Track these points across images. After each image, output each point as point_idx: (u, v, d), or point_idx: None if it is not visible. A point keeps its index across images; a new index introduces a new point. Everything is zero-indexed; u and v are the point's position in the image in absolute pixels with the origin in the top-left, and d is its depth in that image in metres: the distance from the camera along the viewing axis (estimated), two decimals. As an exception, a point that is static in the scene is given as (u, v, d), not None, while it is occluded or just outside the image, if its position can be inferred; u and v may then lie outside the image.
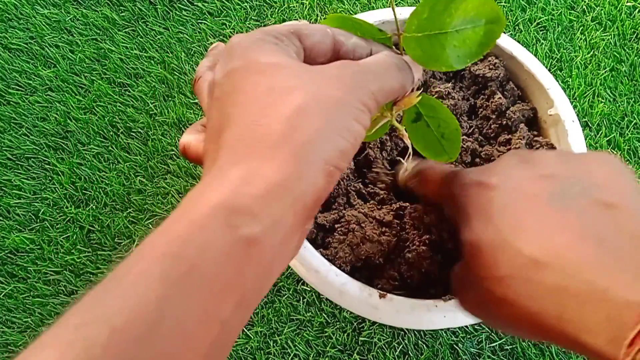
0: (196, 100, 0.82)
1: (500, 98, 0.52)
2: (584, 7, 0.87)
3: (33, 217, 0.78)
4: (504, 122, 0.52)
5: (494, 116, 0.53)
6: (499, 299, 0.32)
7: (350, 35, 0.35)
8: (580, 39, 0.85)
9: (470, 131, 0.53)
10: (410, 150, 0.40)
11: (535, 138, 0.51)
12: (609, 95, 0.81)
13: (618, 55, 0.84)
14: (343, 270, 0.44)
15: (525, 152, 0.38)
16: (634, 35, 0.85)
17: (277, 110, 0.28)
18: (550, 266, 0.30)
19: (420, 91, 0.36)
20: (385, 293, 0.43)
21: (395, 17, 0.36)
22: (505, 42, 0.53)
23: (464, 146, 0.52)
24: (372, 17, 0.54)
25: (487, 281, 0.33)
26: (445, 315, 0.42)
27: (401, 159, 0.45)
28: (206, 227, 0.24)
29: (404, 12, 0.54)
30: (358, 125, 0.30)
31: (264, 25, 0.86)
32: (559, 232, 0.31)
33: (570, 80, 0.82)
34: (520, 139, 0.50)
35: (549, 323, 0.30)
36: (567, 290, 0.29)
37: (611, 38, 0.85)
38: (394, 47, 0.36)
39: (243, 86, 0.30)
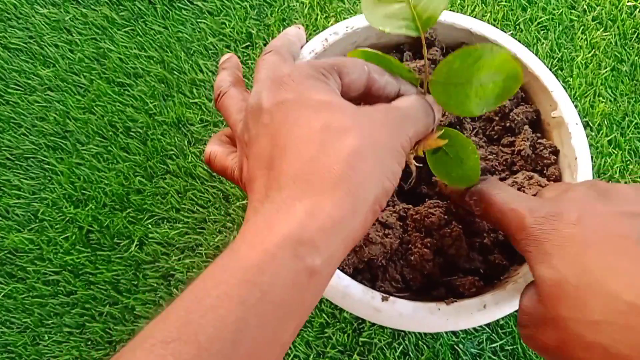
0: (196, 100, 0.82)
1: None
2: (585, 6, 0.87)
3: (32, 217, 0.77)
4: (507, 124, 0.52)
5: (497, 118, 0.53)
6: (589, 343, 0.31)
7: (383, 73, 0.38)
8: (581, 38, 0.85)
9: (474, 132, 0.53)
10: (414, 176, 0.42)
11: (539, 140, 0.50)
12: (610, 95, 0.81)
13: (619, 55, 0.84)
14: (345, 273, 0.44)
15: (601, 184, 0.37)
16: (635, 35, 0.85)
17: (335, 150, 0.31)
18: None
19: (442, 131, 0.39)
20: (387, 296, 0.43)
21: (425, 61, 0.39)
22: (508, 43, 0.53)
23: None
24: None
25: (575, 323, 0.32)
26: (448, 318, 0.42)
27: None
28: (277, 257, 0.27)
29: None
30: (398, 167, 0.33)
31: (264, 25, 0.86)
32: None
33: (571, 80, 0.82)
34: (524, 141, 0.50)
35: None
36: None
37: (612, 38, 0.85)
38: (419, 86, 0.39)
39: (297, 119, 0.32)
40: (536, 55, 0.53)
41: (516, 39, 0.56)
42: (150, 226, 0.75)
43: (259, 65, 0.40)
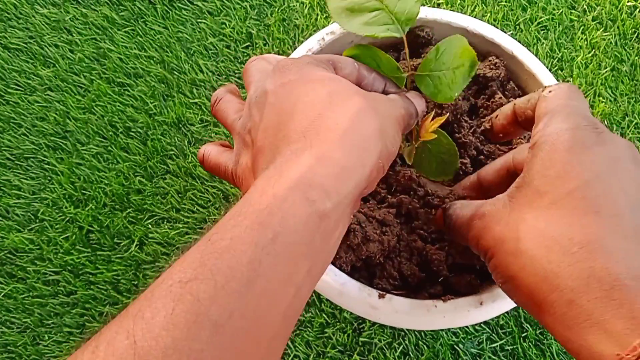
0: (196, 100, 0.82)
1: (500, 98, 0.52)
2: (585, 6, 0.87)
3: (32, 217, 0.77)
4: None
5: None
6: (520, 249, 0.33)
7: (371, 70, 0.42)
8: (581, 38, 0.85)
9: (471, 130, 0.53)
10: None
11: None
12: (610, 95, 0.81)
13: (619, 55, 0.84)
14: (343, 271, 0.44)
15: (637, 152, 0.36)
16: (635, 35, 0.85)
17: (342, 107, 0.33)
18: (598, 256, 0.30)
19: (442, 120, 0.43)
20: (384, 293, 0.43)
21: (407, 58, 0.45)
22: (506, 41, 0.53)
23: (467, 140, 0.52)
24: None
25: (523, 226, 0.33)
26: (445, 315, 0.42)
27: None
28: (288, 200, 0.28)
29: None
30: (398, 138, 0.36)
31: (264, 25, 0.86)
32: (628, 239, 0.30)
33: (571, 80, 0.82)
34: (521, 139, 0.50)
35: (555, 297, 0.30)
36: (600, 281, 0.29)
37: (612, 38, 0.85)
38: (405, 81, 0.43)
39: (303, 91, 0.34)
40: (536, 55, 0.53)
41: (516, 39, 0.56)
42: (150, 226, 0.75)
43: (248, 70, 0.42)
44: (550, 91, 0.38)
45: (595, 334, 0.28)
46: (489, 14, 0.86)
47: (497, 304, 0.42)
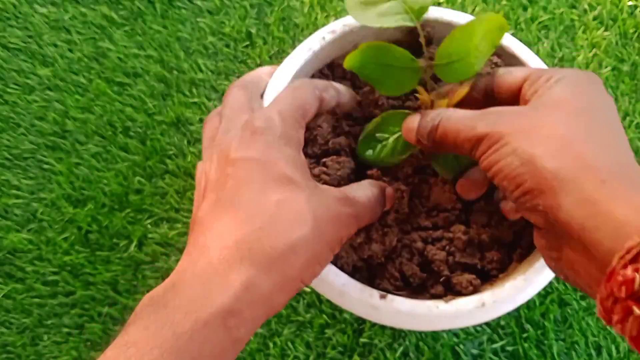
0: (195, 100, 0.82)
1: None
2: (586, 6, 0.87)
3: (31, 217, 0.77)
4: None
5: None
6: (555, 134, 0.33)
7: (327, 87, 0.45)
8: (582, 38, 0.85)
9: None
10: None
11: None
12: (611, 95, 0.81)
13: (620, 55, 0.84)
14: (344, 271, 0.44)
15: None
16: (636, 35, 0.85)
17: (285, 231, 0.34)
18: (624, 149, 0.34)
19: (467, 89, 0.43)
20: (385, 294, 0.42)
21: (424, 45, 0.45)
22: (507, 40, 0.53)
23: None
24: None
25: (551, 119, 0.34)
26: (446, 316, 0.42)
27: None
28: (209, 326, 0.30)
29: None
30: (332, 256, 0.38)
31: (264, 24, 0.86)
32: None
33: (571, 79, 0.81)
34: None
35: (590, 177, 0.30)
36: (585, 169, 0.30)
37: (613, 37, 0.85)
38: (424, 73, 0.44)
39: (257, 185, 0.36)
40: (537, 54, 0.53)
41: (517, 38, 0.56)
42: (149, 226, 0.75)
43: (226, 98, 0.44)
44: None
45: (621, 206, 0.28)
46: (489, 13, 0.85)
47: (499, 305, 0.42)
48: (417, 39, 0.55)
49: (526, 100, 0.37)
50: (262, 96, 0.48)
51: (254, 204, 0.35)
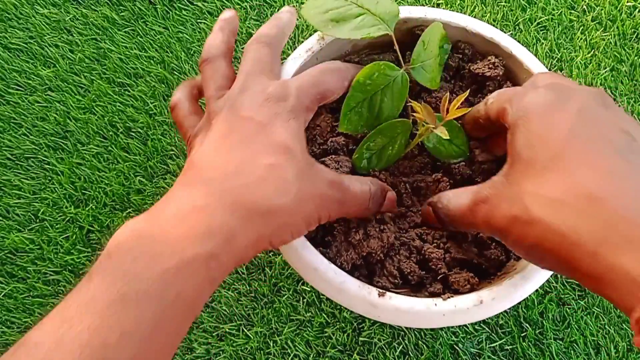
0: (196, 100, 0.82)
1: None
2: (584, 7, 0.87)
3: (32, 217, 0.78)
4: None
5: None
6: (534, 218, 0.33)
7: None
8: (581, 38, 0.85)
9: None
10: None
11: None
12: (610, 95, 0.81)
13: (618, 55, 0.84)
14: (344, 269, 0.44)
15: (605, 95, 0.38)
16: (634, 35, 0.85)
17: (267, 194, 0.36)
18: (606, 203, 0.31)
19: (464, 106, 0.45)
20: (384, 291, 0.43)
21: (398, 53, 0.48)
22: (505, 41, 0.53)
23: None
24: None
25: (531, 197, 0.34)
26: (444, 313, 0.42)
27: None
28: (192, 264, 0.32)
29: (403, 11, 0.54)
30: (306, 230, 0.40)
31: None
32: (624, 179, 0.32)
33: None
34: None
35: (579, 253, 0.31)
36: (615, 227, 0.30)
37: (611, 38, 0.85)
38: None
39: (255, 143, 0.38)
40: (536, 55, 0.53)
41: (516, 39, 0.56)
42: (150, 226, 0.75)
43: (247, 54, 0.45)
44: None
45: (622, 273, 0.29)
46: (488, 14, 0.86)
47: (497, 302, 0.42)
48: (414, 40, 0.56)
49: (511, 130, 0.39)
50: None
51: (247, 161, 0.37)
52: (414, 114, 0.45)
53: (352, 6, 0.46)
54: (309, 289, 0.71)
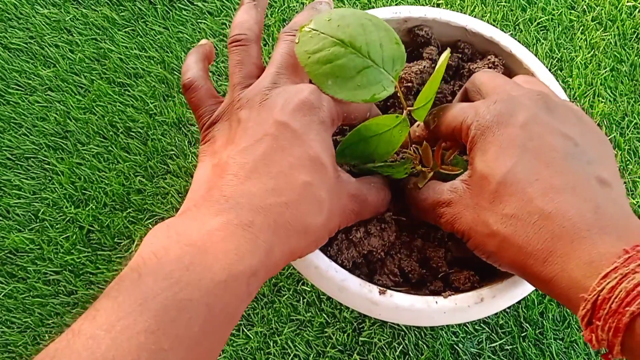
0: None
1: None
2: (584, 7, 0.87)
3: (32, 217, 0.78)
4: None
5: None
6: (494, 231, 0.37)
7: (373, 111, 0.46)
8: (581, 38, 0.85)
9: None
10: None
11: None
12: (610, 95, 0.81)
13: (618, 55, 0.84)
14: (345, 267, 0.44)
15: (552, 98, 0.40)
16: (635, 35, 0.85)
17: (304, 214, 0.37)
18: (553, 218, 0.34)
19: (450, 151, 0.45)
20: (385, 289, 0.43)
21: (403, 101, 0.44)
22: (505, 40, 0.53)
23: None
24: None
25: (488, 213, 0.38)
26: (445, 311, 0.42)
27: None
28: (238, 280, 0.32)
29: (403, 11, 0.54)
30: (328, 238, 0.41)
31: (264, 26, 0.86)
32: (570, 191, 0.35)
33: (570, 80, 0.82)
34: None
35: (532, 261, 0.35)
36: (561, 238, 0.34)
37: (611, 38, 0.85)
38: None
39: (288, 155, 0.37)
40: (536, 55, 0.53)
41: (516, 39, 0.56)
42: (150, 226, 0.75)
43: (281, 43, 0.43)
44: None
45: (567, 279, 0.33)
46: (488, 14, 0.86)
47: (497, 300, 0.42)
48: (414, 39, 0.56)
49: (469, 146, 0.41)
50: None
51: (284, 177, 0.36)
52: (410, 154, 0.46)
53: (354, 56, 0.40)
54: (309, 289, 0.71)
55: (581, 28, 0.86)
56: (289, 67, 0.41)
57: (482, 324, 0.69)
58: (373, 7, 0.85)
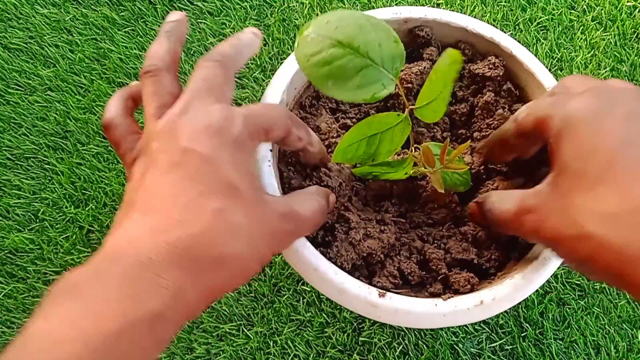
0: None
1: (496, 96, 0.52)
2: (585, 6, 0.87)
3: (32, 217, 0.78)
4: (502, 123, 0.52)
5: (490, 117, 0.53)
6: (587, 233, 0.33)
7: (300, 127, 0.42)
8: (581, 38, 0.85)
9: (472, 132, 0.54)
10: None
11: None
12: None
13: (618, 55, 0.84)
14: (344, 269, 0.44)
15: None
16: (634, 35, 0.85)
17: (217, 244, 0.33)
18: None
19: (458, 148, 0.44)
20: (384, 292, 0.43)
21: (405, 101, 0.43)
22: (505, 41, 0.53)
23: (468, 134, 0.53)
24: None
25: (583, 212, 0.33)
26: (445, 314, 0.42)
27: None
28: (136, 327, 0.29)
29: (403, 11, 0.54)
30: (259, 268, 0.37)
31: (264, 25, 0.87)
32: None
33: (570, 80, 0.82)
34: None
35: (637, 269, 0.30)
36: None
37: (611, 38, 0.85)
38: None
39: (200, 183, 0.34)
40: (536, 55, 0.53)
41: (516, 39, 0.56)
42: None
43: (197, 72, 0.40)
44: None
45: None
46: (488, 14, 0.86)
47: (497, 302, 0.42)
48: (415, 40, 0.56)
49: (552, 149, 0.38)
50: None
51: (191, 207, 0.34)
52: (414, 156, 0.46)
53: (352, 56, 0.40)
54: (309, 289, 0.71)
55: (581, 28, 0.86)
56: (201, 92, 0.38)
57: (482, 324, 0.69)
58: (373, 8, 0.85)
